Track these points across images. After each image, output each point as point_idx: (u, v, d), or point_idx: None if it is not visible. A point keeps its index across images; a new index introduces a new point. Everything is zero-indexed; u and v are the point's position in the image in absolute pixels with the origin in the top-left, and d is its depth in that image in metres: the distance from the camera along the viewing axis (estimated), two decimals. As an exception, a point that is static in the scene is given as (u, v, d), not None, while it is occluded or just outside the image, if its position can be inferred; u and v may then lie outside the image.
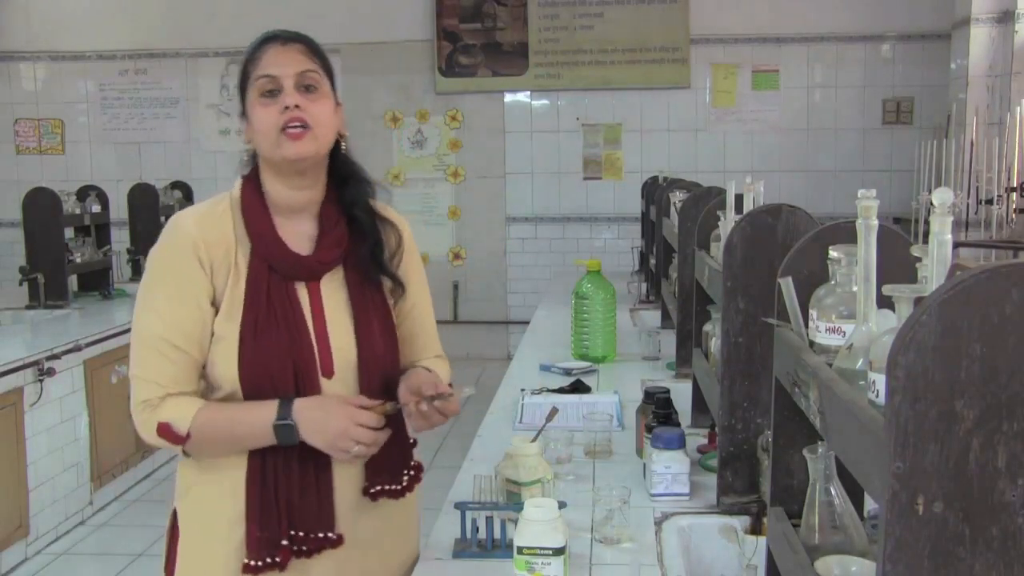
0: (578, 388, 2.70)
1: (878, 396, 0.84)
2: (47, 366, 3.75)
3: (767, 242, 1.66)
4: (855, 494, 1.11)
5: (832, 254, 1.12)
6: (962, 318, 0.70)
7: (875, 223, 1.02)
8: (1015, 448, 0.71)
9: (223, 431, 1.44)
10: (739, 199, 1.98)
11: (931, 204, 0.85)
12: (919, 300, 0.79)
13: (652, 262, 4.29)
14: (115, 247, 5.39)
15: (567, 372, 2.91)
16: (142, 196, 5.62)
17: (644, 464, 1.95)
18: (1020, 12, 5.50)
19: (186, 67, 7.46)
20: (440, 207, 7.45)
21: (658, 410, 1.98)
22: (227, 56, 7.36)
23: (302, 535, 1.46)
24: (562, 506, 1.50)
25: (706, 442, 2.13)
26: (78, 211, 5.04)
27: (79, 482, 4.10)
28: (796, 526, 1.16)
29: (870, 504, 1.15)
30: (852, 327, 1.04)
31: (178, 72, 7.48)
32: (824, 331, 1.10)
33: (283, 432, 1.42)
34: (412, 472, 1.61)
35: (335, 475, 1.50)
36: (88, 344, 4.07)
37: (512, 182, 7.39)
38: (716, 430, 1.82)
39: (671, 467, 1.84)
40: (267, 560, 1.44)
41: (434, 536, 1.71)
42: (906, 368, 0.71)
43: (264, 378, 1.44)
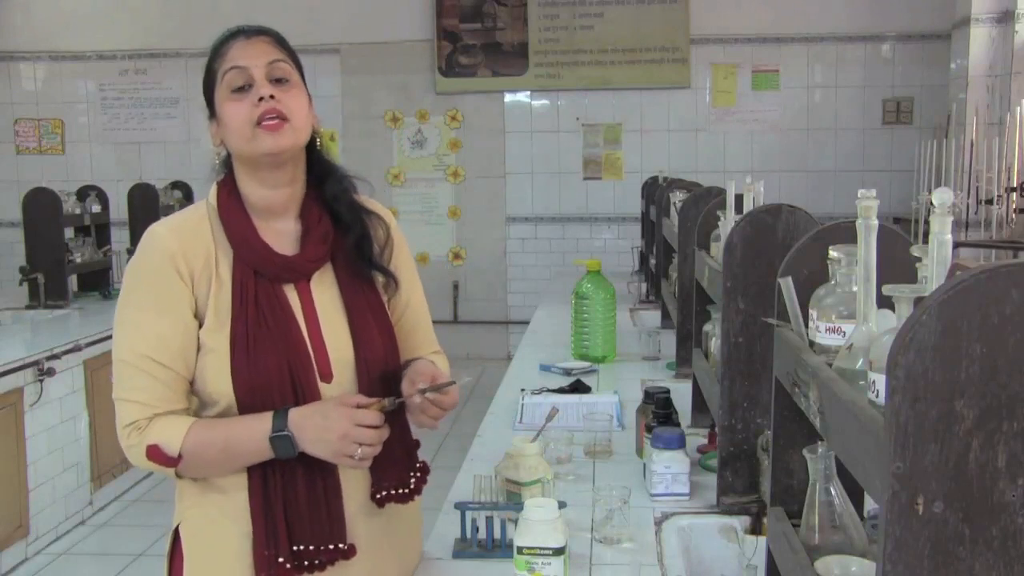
0: (578, 388, 2.70)
1: (878, 396, 0.84)
2: (47, 366, 3.75)
3: (767, 242, 1.66)
4: (855, 494, 1.12)
5: (832, 254, 1.12)
6: (962, 318, 0.70)
7: (875, 223, 1.02)
8: (1015, 448, 0.71)
9: (217, 449, 1.37)
10: (739, 199, 1.98)
11: (931, 204, 0.85)
12: (919, 300, 0.79)
13: (652, 262, 4.29)
14: (115, 247, 5.39)
15: (567, 372, 2.91)
16: (142, 196, 5.62)
17: (644, 464, 1.95)
18: (1020, 12, 5.50)
19: (186, 67, 7.45)
20: (440, 207, 7.44)
21: (658, 410, 1.98)
22: (227, 56, 7.37)
23: (312, 549, 1.39)
24: (562, 506, 1.50)
25: (706, 442, 2.13)
26: (78, 211, 5.05)
27: (79, 482, 4.10)
28: (796, 526, 1.16)
29: (870, 504, 1.15)
30: (852, 327, 1.04)
31: (178, 72, 7.48)
32: (824, 331, 1.10)
33: (280, 444, 1.35)
34: (418, 473, 1.55)
35: (342, 482, 1.43)
36: (88, 344, 4.07)
37: (512, 182, 7.39)
38: (716, 430, 1.82)
39: (671, 467, 1.84)
40: None
41: (434, 536, 1.72)
42: (906, 368, 0.71)
43: (260, 389, 1.37)
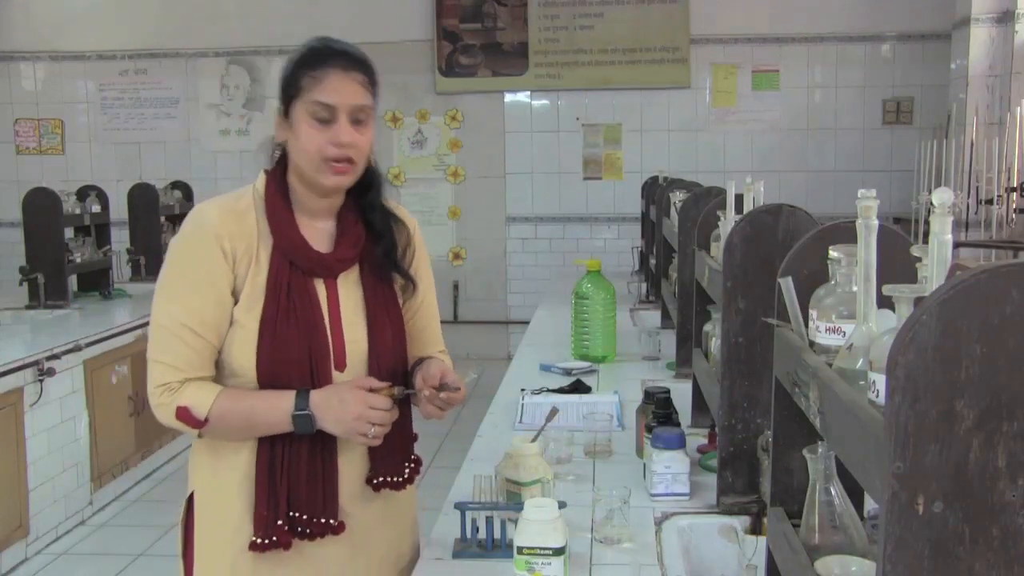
0: (578, 388, 2.70)
1: (878, 396, 0.84)
2: (47, 366, 3.75)
3: (767, 242, 1.66)
4: (855, 494, 1.11)
5: (832, 254, 1.12)
6: (962, 318, 0.70)
7: (875, 223, 1.02)
8: (1015, 448, 0.71)
9: (241, 418, 1.50)
10: (739, 199, 1.99)
11: (931, 204, 0.84)
12: (919, 300, 0.79)
13: (652, 262, 4.29)
14: (115, 247, 5.39)
15: (567, 372, 2.91)
16: (142, 196, 5.62)
17: (644, 464, 1.95)
18: (1020, 12, 5.50)
19: (186, 67, 7.46)
20: (440, 207, 7.44)
21: (658, 410, 1.98)
22: (227, 56, 7.37)
23: (306, 518, 1.52)
24: (562, 506, 1.50)
25: (706, 442, 2.13)
26: (78, 211, 5.04)
27: (79, 482, 4.10)
28: (796, 526, 1.16)
29: (870, 504, 1.15)
30: (852, 327, 1.04)
31: (178, 72, 7.48)
32: (824, 331, 1.10)
33: (301, 422, 1.48)
34: (413, 464, 1.68)
35: (340, 464, 1.56)
36: (88, 344, 4.07)
37: (512, 182, 7.39)
38: (716, 430, 1.82)
39: (671, 467, 1.84)
40: (272, 539, 1.50)
41: (434, 536, 1.72)
42: (906, 368, 0.71)
43: (281, 368, 1.50)
